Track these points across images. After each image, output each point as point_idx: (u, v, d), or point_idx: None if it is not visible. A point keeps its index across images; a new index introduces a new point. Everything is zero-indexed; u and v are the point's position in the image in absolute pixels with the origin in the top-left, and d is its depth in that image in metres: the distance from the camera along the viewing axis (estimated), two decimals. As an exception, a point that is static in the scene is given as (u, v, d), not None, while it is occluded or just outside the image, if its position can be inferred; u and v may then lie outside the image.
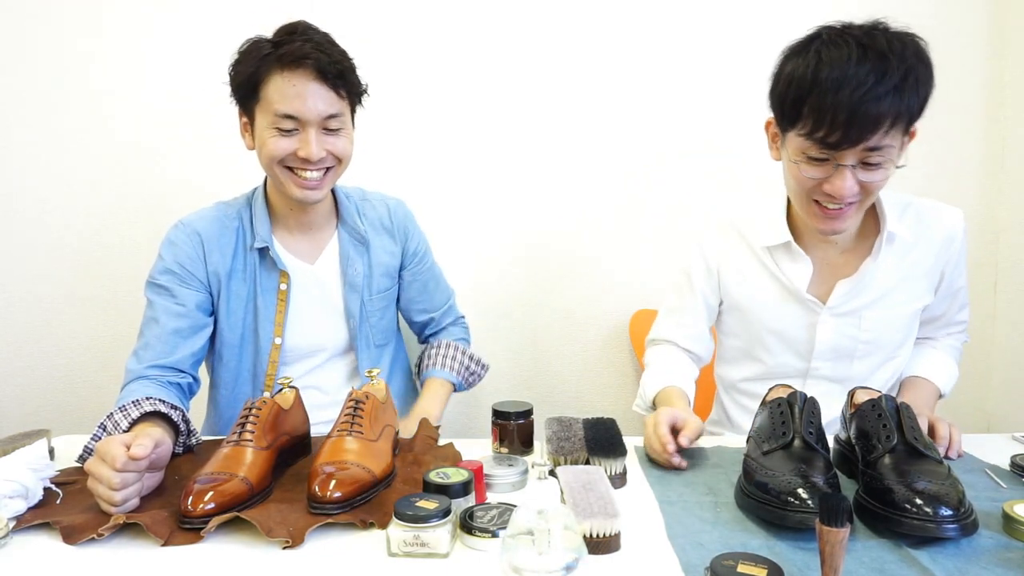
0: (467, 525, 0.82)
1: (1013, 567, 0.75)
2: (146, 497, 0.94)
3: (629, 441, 1.10)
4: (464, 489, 0.88)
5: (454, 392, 1.45)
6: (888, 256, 1.21)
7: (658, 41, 1.88)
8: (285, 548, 0.82)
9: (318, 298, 1.34)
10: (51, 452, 1.10)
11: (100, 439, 1.02)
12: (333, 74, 1.19)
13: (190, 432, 1.11)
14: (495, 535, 0.81)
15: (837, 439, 1.04)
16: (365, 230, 1.37)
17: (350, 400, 1.03)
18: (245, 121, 1.26)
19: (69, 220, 1.90)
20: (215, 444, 1.00)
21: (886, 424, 0.90)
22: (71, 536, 0.84)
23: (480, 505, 0.88)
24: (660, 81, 1.89)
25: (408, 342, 1.59)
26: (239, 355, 1.32)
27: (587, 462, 1.00)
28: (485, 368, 1.52)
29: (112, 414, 1.04)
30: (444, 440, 1.16)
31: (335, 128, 1.22)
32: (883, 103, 0.97)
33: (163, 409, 1.05)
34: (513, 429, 1.11)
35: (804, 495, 0.81)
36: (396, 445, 1.08)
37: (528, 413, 1.12)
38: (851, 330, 1.24)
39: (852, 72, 0.98)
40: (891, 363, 1.28)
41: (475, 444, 1.15)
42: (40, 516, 0.88)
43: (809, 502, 0.80)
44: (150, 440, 0.91)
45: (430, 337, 1.54)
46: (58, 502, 0.93)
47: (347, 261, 1.35)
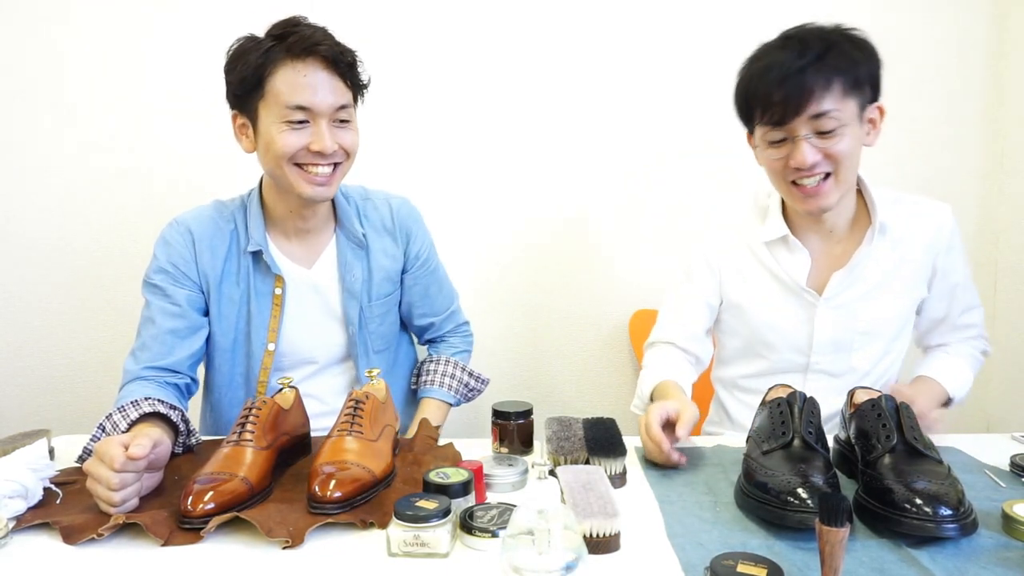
0: (467, 525, 0.82)
1: (1013, 567, 0.75)
2: (146, 497, 0.94)
3: (629, 441, 1.09)
4: (464, 489, 0.88)
5: (451, 407, 1.44)
6: (880, 246, 1.24)
7: (658, 41, 1.88)
8: (285, 548, 0.82)
9: (315, 304, 1.32)
10: (51, 452, 1.10)
11: (99, 440, 1.01)
12: (344, 64, 1.18)
13: (189, 432, 1.10)
14: (495, 535, 0.81)
15: (837, 439, 1.04)
16: (364, 233, 1.34)
17: (350, 400, 1.03)
18: (242, 123, 1.22)
19: (69, 220, 1.89)
20: (215, 444, 1.00)
21: (886, 424, 0.90)
22: (71, 536, 0.84)
23: (480, 505, 0.88)
24: (661, 81, 1.89)
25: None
26: (231, 360, 1.30)
27: (587, 462, 1.00)
28: (484, 383, 1.49)
29: (111, 415, 1.04)
30: (444, 440, 1.16)
31: (345, 120, 1.20)
32: (807, 73, 1.09)
33: (162, 410, 1.05)
34: (513, 429, 1.11)
35: (804, 495, 0.81)
36: (396, 445, 1.08)
37: (528, 413, 1.12)
38: (847, 321, 1.26)
39: (776, 57, 1.13)
40: (888, 357, 1.30)
41: (475, 444, 1.15)
42: (40, 516, 0.88)
43: (809, 502, 0.80)
44: (148, 440, 0.90)
45: (429, 343, 1.52)
46: (58, 502, 0.93)
47: (345, 267, 1.32)
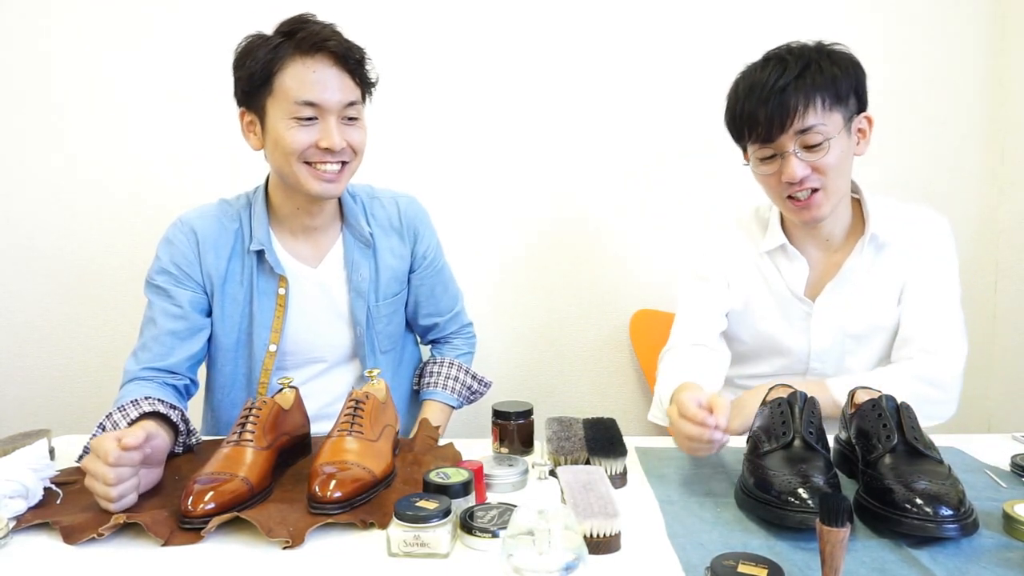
0: (467, 525, 0.82)
1: (1013, 567, 0.75)
2: (146, 497, 0.94)
3: (629, 441, 1.09)
4: (464, 489, 0.88)
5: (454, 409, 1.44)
6: (870, 256, 1.26)
7: (659, 41, 1.88)
8: (285, 548, 0.82)
9: (321, 303, 1.31)
10: (51, 452, 1.10)
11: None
12: (352, 60, 1.18)
13: (189, 432, 1.10)
14: (495, 535, 0.81)
15: (837, 439, 1.04)
16: (371, 232, 1.33)
17: (350, 400, 1.03)
18: (250, 120, 1.22)
19: (69, 220, 1.89)
20: (215, 444, 1.00)
21: (886, 424, 0.90)
22: (71, 536, 0.84)
23: (480, 505, 0.88)
24: (661, 81, 1.89)
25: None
26: (234, 360, 1.30)
27: (587, 462, 1.00)
28: (487, 385, 1.49)
29: (111, 414, 1.04)
30: (444, 440, 1.16)
31: (353, 117, 1.21)
32: (788, 92, 1.14)
33: (161, 409, 1.04)
34: (513, 429, 1.11)
35: (804, 495, 0.81)
36: (396, 445, 1.08)
37: (528, 413, 1.12)
38: (840, 328, 1.28)
39: (758, 78, 1.18)
40: (886, 360, 1.30)
41: (475, 444, 1.15)
42: (40, 516, 0.88)
43: (809, 502, 0.80)
44: (142, 431, 0.90)
45: (433, 344, 1.52)
46: (58, 502, 0.93)
47: (352, 266, 1.31)
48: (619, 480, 0.99)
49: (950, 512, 0.78)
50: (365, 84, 1.23)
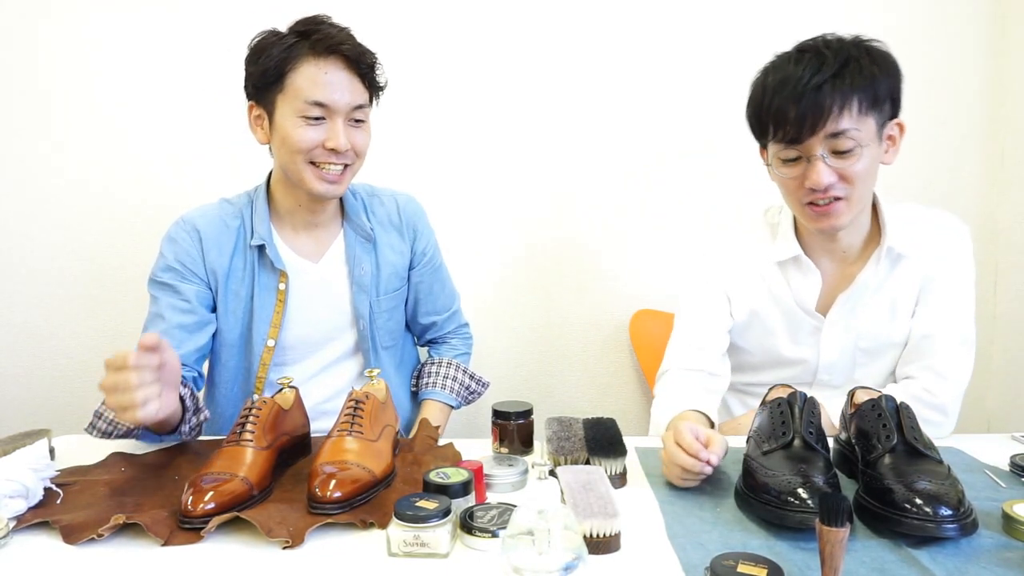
0: (467, 525, 0.82)
1: (1013, 567, 0.75)
2: (146, 497, 0.94)
3: (629, 441, 1.09)
4: (464, 489, 0.88)
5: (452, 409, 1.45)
6: (885, 268, 1.20)
7: (659, 42, 1.88)
8: (285, 548, 0.82)
9: (322, 299, 1.32)
10: (51, 452, 1.09)
11: (104, 411, 1.05)
12: (364, 65, 1.21)
13: (198, 408, 1.11)
14: (495, 535, 0.81)
15: (837, 439, 1.04)
16: (372, 228, 1.34)
17: (350, 400, 1.03)
18: (259, 114, 1.24)
19: (69, 220, 1.89)
20: (215, 444, 1.00)
21: (886, 424, 0.90)
22: (71, 536, 0.84)
23: (480, 505, 0.88)
24: (661, 81, 1.89)
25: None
26: (237, 355, 1.31)
27: (587, 462, 1.00)
28: (485, 385, 1.50)
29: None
30: (444, 440, 1.16)
31: (360, 120, 1.23)
32: (823, 90, 1.05)
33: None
34: (513, 429, 1.11)
35: (804, 495, 0.81)
36: (396, 445, 1.08)
37: (528, 413, 1.12)
38: (851, 341, 1.23)
39: (791, 72, 1.07)
40: (894, 372, 1.27)
41: (475, 444, 1.15)
42: (40, 516, 0.88)
43: (809, 502, 0.81)
44: (155, 335, 0.93)
45: (430, 344, 1.52)
46: (58, 502, 0.93)
47: (354, 260, 1.32)
48: (619, 480, 0.99)
49: (949, 512, 0.78)
50: (374, 88, 1.26)
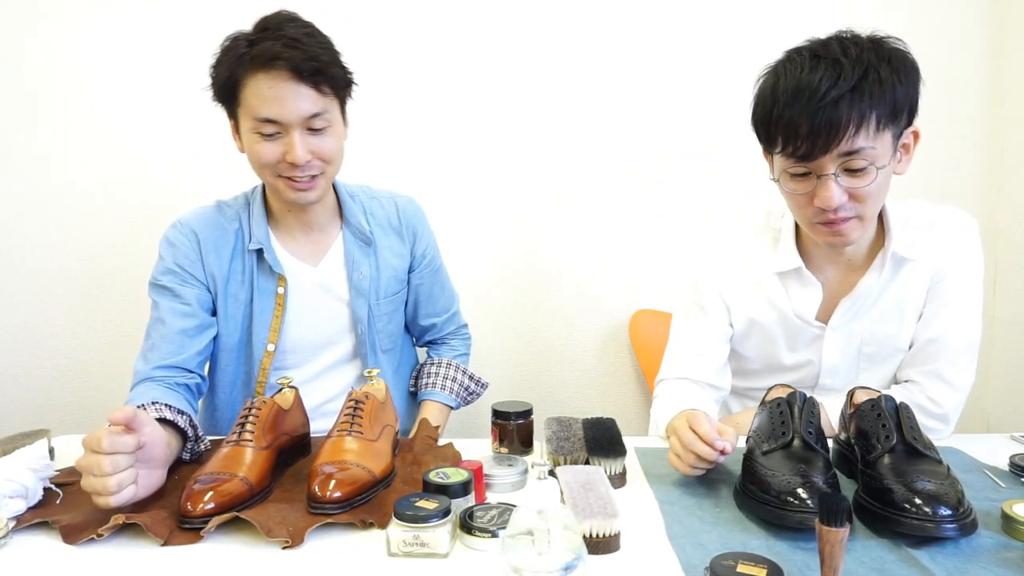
0: (467, 525, 0.82)
1: (1012, 567, 0.75)
2: (146, 497, 0.93)
3: (629, 441, 1.09)
4: (464, 489, 0.88)
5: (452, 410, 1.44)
6: (889, 273, 1.16)
7: (659, 42, 1.88)
8: (285, 548, 0.82)
9: (321, 302, 1.31)
10: (51, 452, 1.10)
11: None
12: (309, 72, 1.12)
13: (198, 438, 1.07)
14: (495, 535, 0.81)
15: (837, 439, 1.04)
16: (371, 231, 1.33)
17: (350, 400, 1.03)
18: (233, 123, 1.21)
19: (69, 220, 1.89)
20: (215, 444, 1.00)
21: (885, 424, 0.90)
22: (71, 536, 0.84)
23: (480, 505, 0.88)
24: (661, 81, 1.89)
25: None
26: (236, 360, 1.30)
27: (587, 462, 1.00)
28: (484, 386, 1.49)
29: None
30: (444, 440, 1.16)
31: (319, 128, 1.16)
32: (840, 106, 0.96)
33: (168, 415, 1.02)
34: (513, 429, 1.11)
35: (804, 495, 0.81)
36: (396, 445, 1.08)
37: (528, 413, 1.12)
38: (853, 347, 1.21)
39: (806, 81, 0.97)
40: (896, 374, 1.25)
41: (475, 444, 1.15)
42: (40, 516, 0.88)
43: (809, 502, 0.81)
44: (129, 409, 0.87)
45: (429, 345, 1.52)
46: (58, 502, 0.93)
47: (353, 264, 1.31)
48: (618, 480, 0.99)
49: (949, 512, 0.78)
50: (335, 89, 1.18)
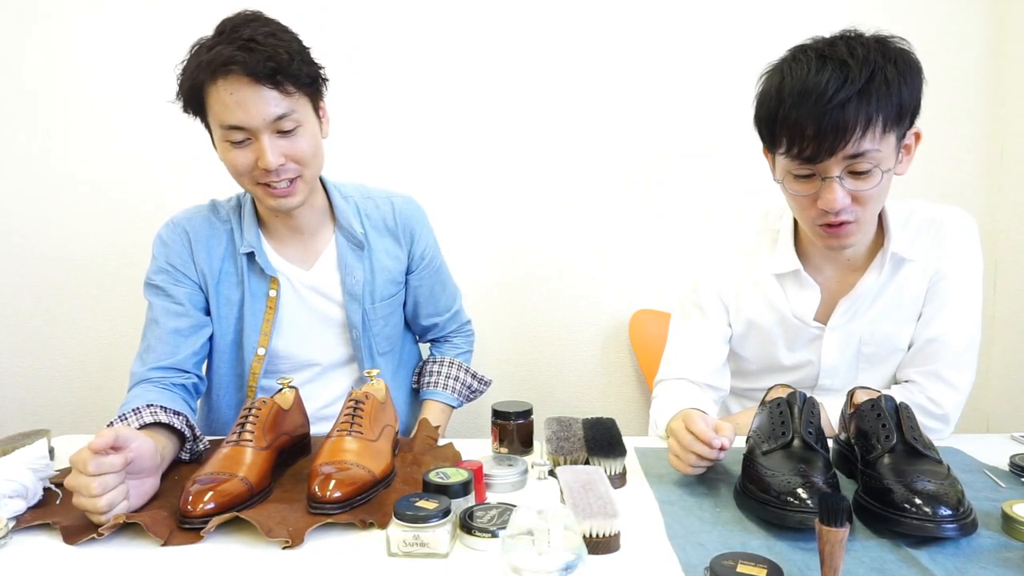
0: (467, 525, 0.82)
1: (1012, 567, 0.75)
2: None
3: (629, 441, 1.09)
4: (464, 489, 0.88)
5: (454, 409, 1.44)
6: (888, 273, 1.16)
7: (659, 41, 1.88)
8: (285, 548, 0.82)
9: (315, 306, 1.29)
10: (51, 452, 1.10)
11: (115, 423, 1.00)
12: (267, 73, 1.07)
13: (196, 438, 1.06)
14: (495, 535, 0.81)
15: (837, 439, 1.04)
16: (364, 233, 1.30)
17: (350, 400, 1.03)
18: (210, 133, 1.19)
19: (69, 220, 1.90)
20: (215, 444, 1.00)
21: (885, 424, 0.90)
22: (71, 536, 0.84)
23: (480, 505, 0.88)
24: (661, 81, 1.89)
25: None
26: (228, 362, 1.29)
27: (587, 462, 1.00)
28: (487, 384, 1.49)
29: (112, 423, 1.01)
30: (444, 440, 1.16)
31: (289, 129, 1.12)
32: (848, 109, 0.95)
33: (164, 418, 1.01)
34: (513, 429, 1.11)
35: (804, 495, 0.81)
36: (396, 445, 1.08)
37: (528, 413, 1.12)
38: (852, 347, 1.21)
39: (812, 83, 0.96)
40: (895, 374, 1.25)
41: (475, 444, 1.15)
42: (40, 516, 0.88)
43: (809, 502, 0.81)
44: (111, 433, 0.86)
45: (432, 343, 1.51)
46: (58, 502, 0.93)
47: (345, 268, 1.28)
48: (618, 480, 0.99)
49: (949, 512, 0.78)
50: (304, 86, 1.13)
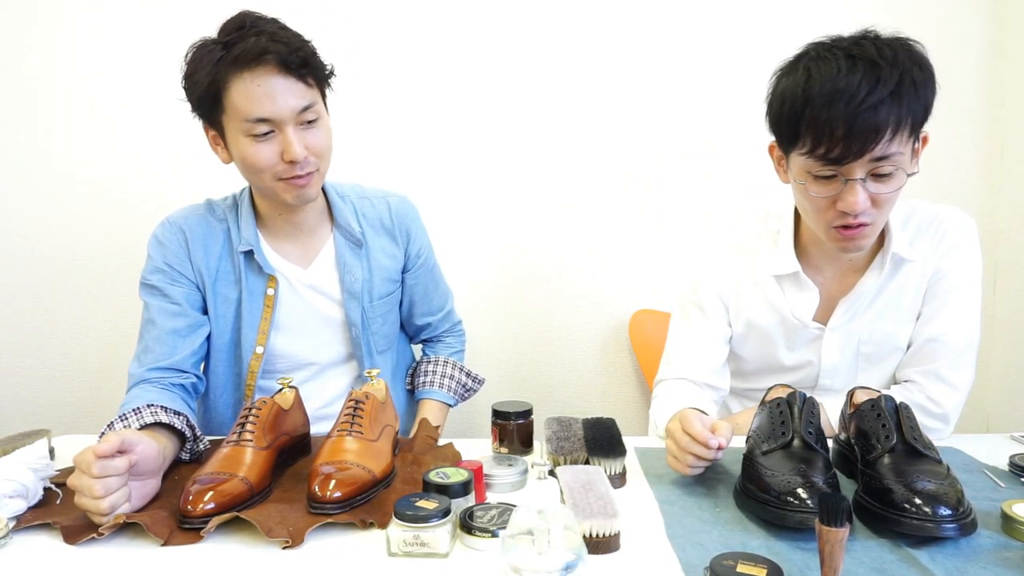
0: (467, 525, 0.82)
1: (1012, 567, 0.75)
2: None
3: (629, 441, 1.09)
4: (464, 489, 0.88)
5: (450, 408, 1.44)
6: (888, 274, 1.16)
7: (659, 41, 1.88)
8: (285, 548, 0.82)
9: (313, 304, 1.29)
10: (51, 452, 1.10)
11: (115, 424, 1.00)
12: (297, 64, 1.10)
13: (196, 438, 1.06)
14: (495, 535, 0.81)
15: (837, 439, 1.04)
16: (362, 232, 1.31)
17: (350, 400, 1.03)
18: (214, 134, 1.18)
19: (69, 220, 1.89)
20: (215, 444, 1.00)
21: (885, 424, 0.90)
22: (71, 536, 0.84)
23: (480, 505, 0.88)
24: (661, 81, 1.89)
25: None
26: (226, 361, 1.28)
27: (587, 462, 1.00)
28: (480, 382, 1.49)
29: (112, 423, 1.01)
30: (444, 440, 1.16)
31: (311, 120, 1.14)
32: (880, 111, 0.94)
33: (164, 418, 1.01)
34: (513, 429, 1.11)
35: (804, 495, 0.81)
36: (396, 445, 1.08)
37: (528, 413, 1.12)
38: (852, 347, 1.21)
39: (844, 84, 0.95)
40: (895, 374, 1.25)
41: (475, 444, 1.15)
42: (40, 516, 0.88)
43: (808, 502, 0.81)
44: (116, 438, 0.86)
45: (424, 343, 1.52)
46: (58, 502, 0.93)
47: (344, 267, 1.29)
48: (618, 480, 0.99)
49: (949, 512, 0.78)
50: (319, 80, 1.16)
